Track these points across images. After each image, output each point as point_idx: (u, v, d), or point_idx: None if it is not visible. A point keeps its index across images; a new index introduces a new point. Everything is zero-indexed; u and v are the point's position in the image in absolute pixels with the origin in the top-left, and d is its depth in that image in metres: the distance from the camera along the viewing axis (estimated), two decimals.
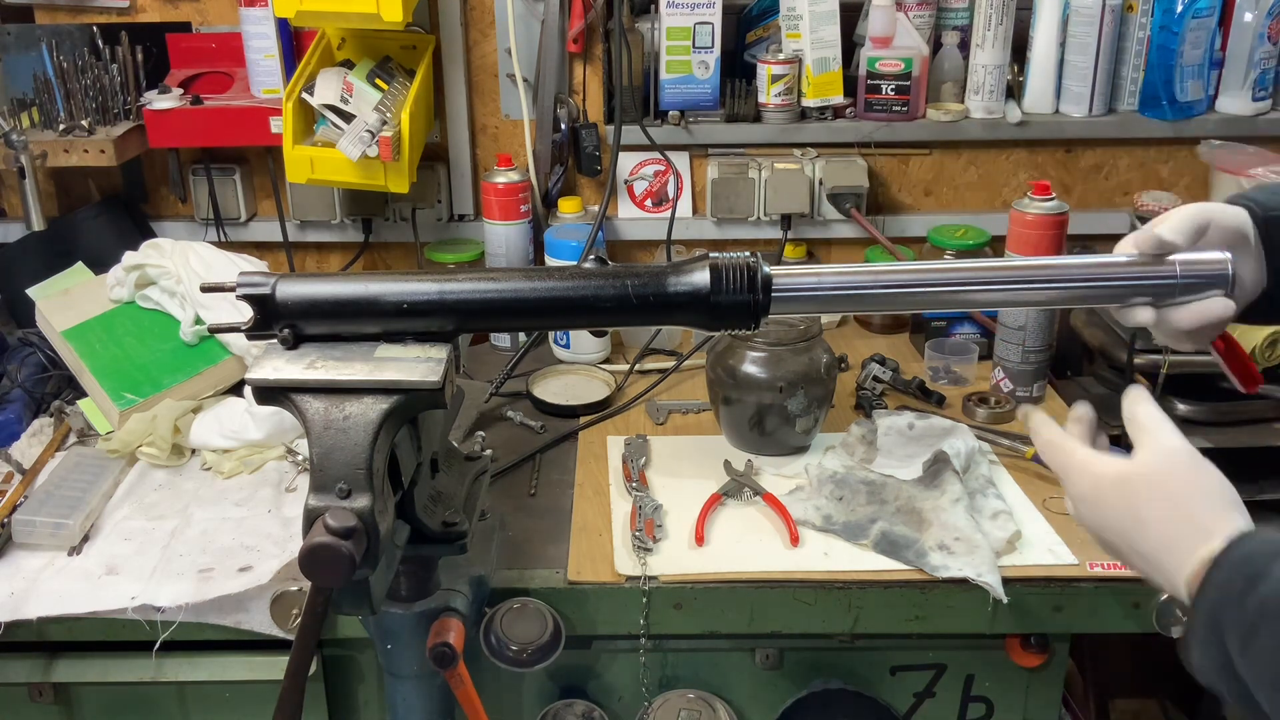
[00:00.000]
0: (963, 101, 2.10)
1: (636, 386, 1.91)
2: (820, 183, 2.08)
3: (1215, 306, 1.05)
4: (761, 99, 2.08)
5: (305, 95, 1.89)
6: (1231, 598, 0.79)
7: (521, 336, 2.03)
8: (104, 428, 1.73)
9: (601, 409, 1.84)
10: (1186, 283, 1.05)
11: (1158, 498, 0.89)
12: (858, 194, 2.08)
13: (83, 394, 1.79)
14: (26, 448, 1.72)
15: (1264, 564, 0.79)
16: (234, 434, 1.69)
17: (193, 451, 1.72)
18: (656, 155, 2.11)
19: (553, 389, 1.90)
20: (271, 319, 1.10)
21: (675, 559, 1.46)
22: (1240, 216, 1.08)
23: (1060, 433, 0.99)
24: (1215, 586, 0.81)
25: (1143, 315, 1.08)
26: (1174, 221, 1.07)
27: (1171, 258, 1.05)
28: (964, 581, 1.40)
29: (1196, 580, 0.83)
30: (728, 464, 1.65)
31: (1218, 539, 0.83)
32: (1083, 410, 1.00)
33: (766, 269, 1.08)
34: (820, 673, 1.53)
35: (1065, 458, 0.97)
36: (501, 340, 2.10)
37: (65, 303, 1.87)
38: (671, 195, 2.15)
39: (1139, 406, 0.96)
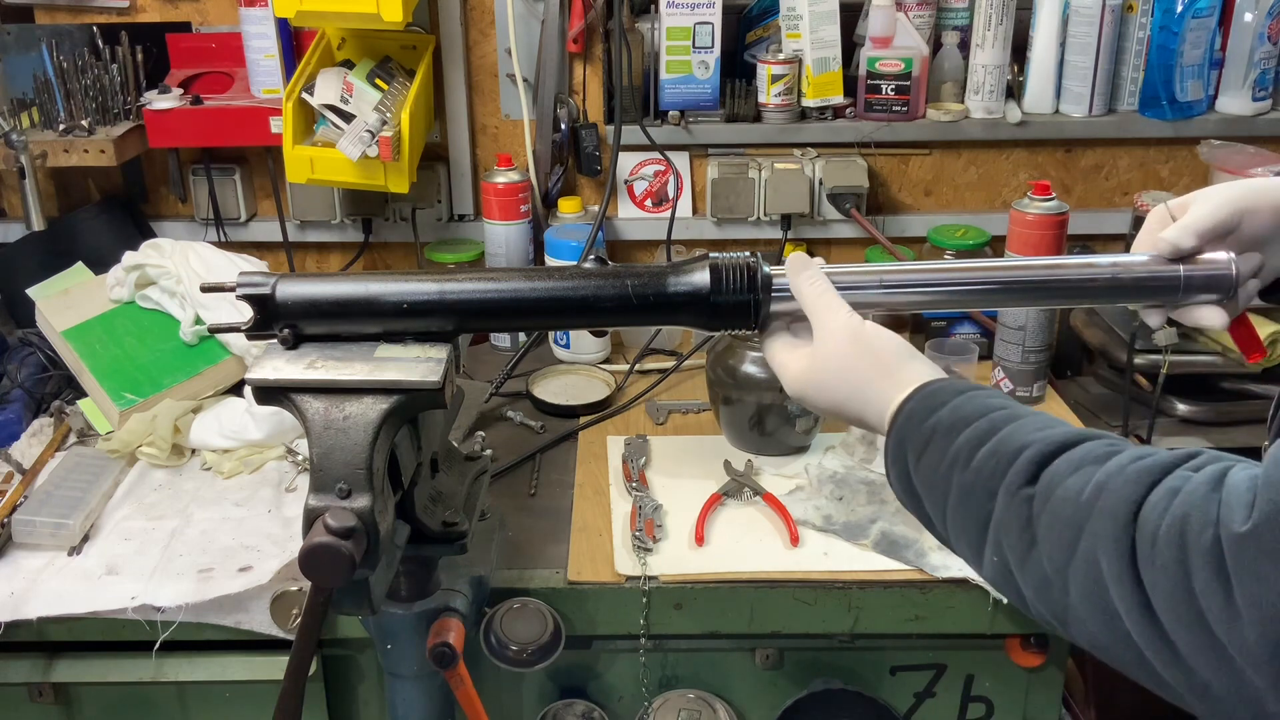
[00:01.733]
0: (963, 101, 2.10)
1: (636, 386, 1.91)
2: (820, 183, 2.08)
3: (1209, 317, 1.06)
4: (761, 99, 2.08)
5: (305, 95, 1.89)
6: (914, 421, 0.93)
7: (521, 336, 2.03)
8: (104, 428, 1.73)
9: (601, 409, 1.84)
10: (1190, 284, 1.04)
11: (842, 378, 1.00)
12: (858, 194, 2.07)
13: (83, 394, 1.79)
14: (26, 448, 1.72)
15: (945, 397, 0.93)
16: (234, 434, 1.69)
17: (193, 451, 1.72)
18: (656, 155, 2.11)
19: (553, 389, 1.90)
20: (271, 319, 1.10)
21: (675, 559, 1.46)
22: None
23: (772, 332, 1.08)
24: (904, 415, 0.94)
25: (1154, 319, 1.09)
26: (1193, 219, 1.04)
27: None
28: (964, 581, 1.40)
29: (892, 415, 0.96)
30: (728, 464, 1.65)
31: (907, 388, 0.96)
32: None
33: (766, 269, 1.08)
34: (820, 673, 1.53)
35: (770, 359, 1.07)
36: (501, 340, 2.10)
37: (65, 303, 1.87)
38: (671, 195, 2.15)
39: (801, 286, 1.04)
